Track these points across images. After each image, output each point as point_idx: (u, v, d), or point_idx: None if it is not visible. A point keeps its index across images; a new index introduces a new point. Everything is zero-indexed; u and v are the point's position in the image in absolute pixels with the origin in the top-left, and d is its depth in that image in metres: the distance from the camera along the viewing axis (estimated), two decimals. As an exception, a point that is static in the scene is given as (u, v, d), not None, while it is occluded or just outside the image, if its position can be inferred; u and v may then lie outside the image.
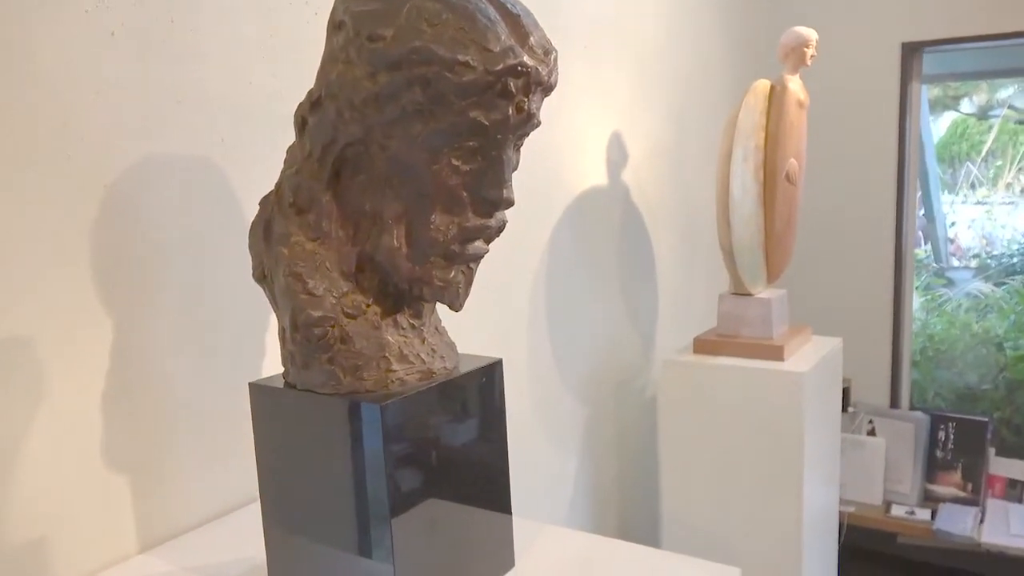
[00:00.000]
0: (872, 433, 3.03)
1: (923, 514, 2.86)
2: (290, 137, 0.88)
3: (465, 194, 0.79)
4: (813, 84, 2.18)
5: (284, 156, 0.89)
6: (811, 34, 2.01)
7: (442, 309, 0.91)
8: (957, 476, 2.93)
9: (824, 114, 2.82)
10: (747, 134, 1.96)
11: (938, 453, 2.97)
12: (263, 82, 1.21)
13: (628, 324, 2.31)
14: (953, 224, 5.06)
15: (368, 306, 0.85)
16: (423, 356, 0.87)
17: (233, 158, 1.17)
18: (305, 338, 0.82)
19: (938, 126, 5.16)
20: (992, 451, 2.99)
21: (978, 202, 5.13)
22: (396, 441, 0.81)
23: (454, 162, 0.77)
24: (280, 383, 0.89)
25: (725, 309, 2.11)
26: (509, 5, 0.75)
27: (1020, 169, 5.04)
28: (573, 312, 2.03)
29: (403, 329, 0.87)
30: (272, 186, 0.88)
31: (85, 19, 0.98)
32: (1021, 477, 2.96)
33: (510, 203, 0.80)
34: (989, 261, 4.81)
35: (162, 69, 1.07)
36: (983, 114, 5.18)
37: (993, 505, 2.90)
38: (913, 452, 2.96)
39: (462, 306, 0.86)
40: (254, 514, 0.97)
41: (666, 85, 2.42)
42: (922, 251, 4.71)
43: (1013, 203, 5.05)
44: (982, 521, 2.81)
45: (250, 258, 0.90)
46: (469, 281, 0.86)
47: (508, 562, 0.98)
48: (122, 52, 1.02)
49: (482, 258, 0.85)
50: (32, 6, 0.93)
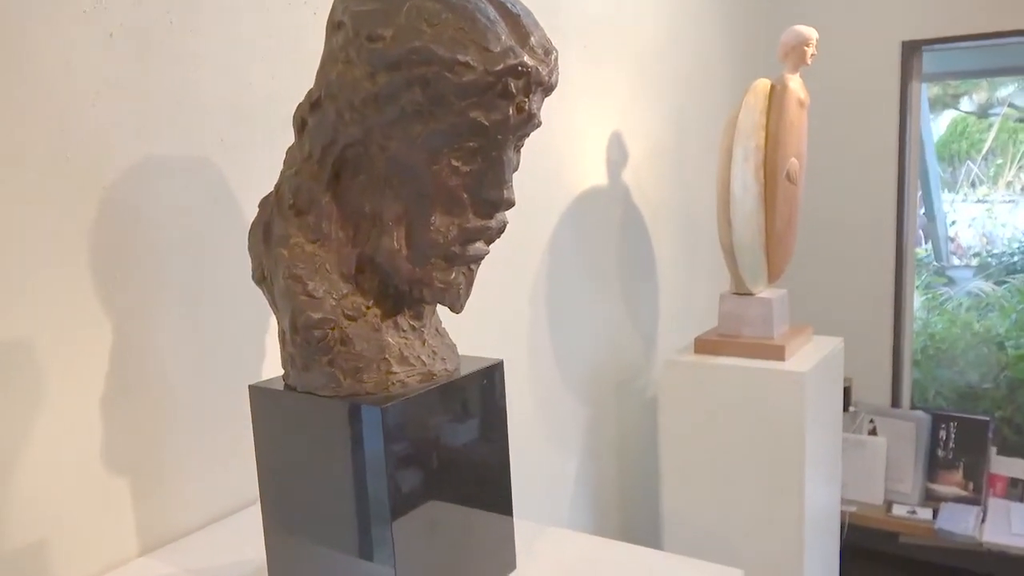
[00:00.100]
0: (873, 433, 3.03)
1: (924, 513, 2.86)
2: (289, 138, 0.88)
3: (465, 195, 0.78)
4: (813, 83, 2.18)
5: (283, 157, 0.88)
6: (811, 33, 2.01)
7: (443, 310, 0.90)
8: (958, 475, 2.93)
9: (824, 113, 2.82)
10: (747, 133, 1.96)
11: (939, 452, 2.97)
12: (262, 83, 1.20)
13: (629, 324, 2.30)
14: (954, 223, 5.07)
15: (368, 308, 0.84)
16: (424, 358, 0.87)
17: (232, 159, 1.17)
18: (305, 340, 0.82)
19: (938, 125, 5.16)
20: (993, 450, 2.98)
21: (978, 200, 5.13)
22: (397, 443, 0.81)
23: (454, 163, 0.76)
24: (280, 385, 0.89)
25: (726, 309, 2.11)
26: (509, 5, 0.75)
27: (1020, 167, 5.04)
28: (573, 312, 2.03)
29: (403, 331, 0.86)
30: (271, 187, 0.88)
31: (83, 20, 0.98)
32: (1022, 476, 2.96)
33: (511, 204, 0.79)
34: (990, 260, 4.81)
35: (161, 70, 1.07)
36: (983, 112, 5.18)
37: (995, 504, 2.90)
38: (914, 451, 2.95)
39: (463, 308, 0.85)
40: (254, 516, 0.97)
41: (666, 85, 2.42)
42: (923, 250, 4.71)
43: (1013, 201, 5.05)
44: (984, 520, 2.81)
45: (249, 260, 0.90)
46: (470, 282, 0.85)
47: (509, 564, 0.98)
48: (121, 53, 1.02)
49: (483, 259, 0.84)
50: (31, 6, 0.93)
